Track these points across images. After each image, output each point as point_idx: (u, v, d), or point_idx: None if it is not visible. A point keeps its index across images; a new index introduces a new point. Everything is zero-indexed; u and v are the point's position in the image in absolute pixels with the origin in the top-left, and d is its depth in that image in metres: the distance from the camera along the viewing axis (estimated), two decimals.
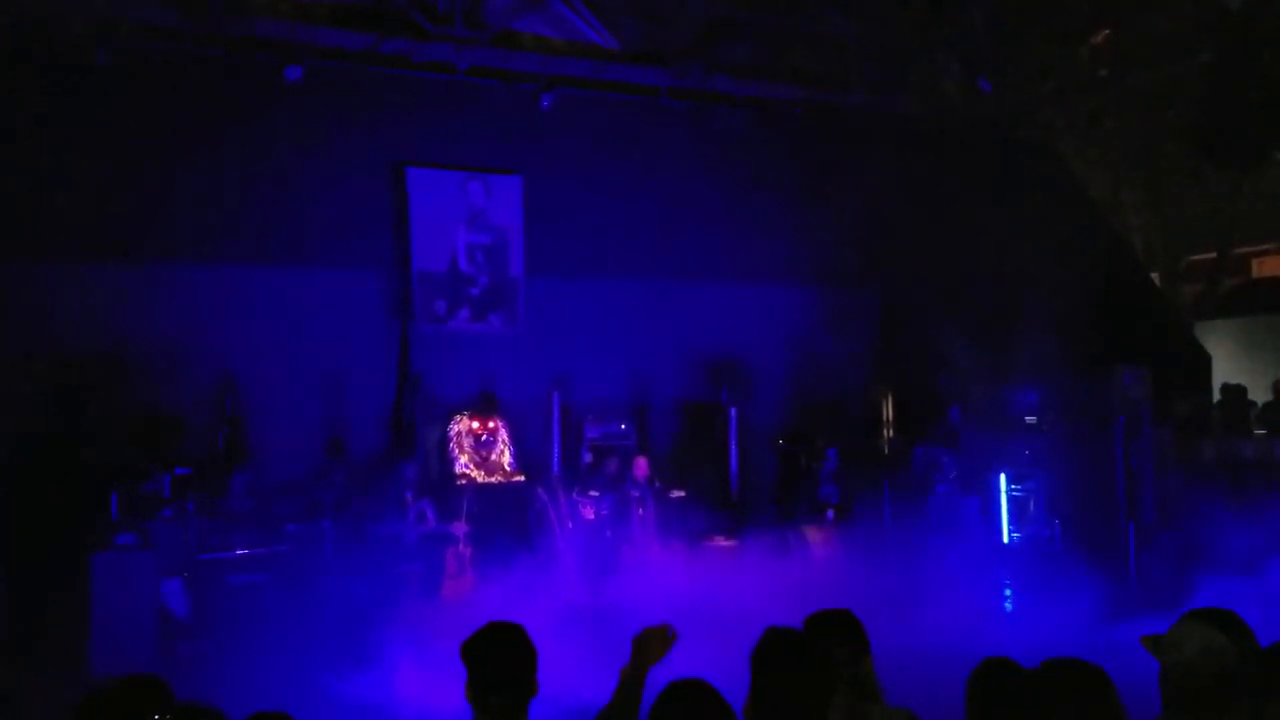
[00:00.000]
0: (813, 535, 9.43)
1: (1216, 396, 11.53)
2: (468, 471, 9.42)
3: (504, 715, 2.40)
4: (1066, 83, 11.64)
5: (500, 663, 2.41)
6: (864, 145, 10.92)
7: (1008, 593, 9.13)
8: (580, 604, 7.49)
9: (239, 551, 7.75)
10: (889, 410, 11.55)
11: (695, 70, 10.25)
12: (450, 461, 9.47)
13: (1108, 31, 11.45)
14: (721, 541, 9.15)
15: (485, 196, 10.34)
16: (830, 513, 9.78)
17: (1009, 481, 10.15)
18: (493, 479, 9.45)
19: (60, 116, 8.26)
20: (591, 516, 9.29)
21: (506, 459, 9.65)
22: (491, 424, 9.66)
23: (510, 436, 9.74)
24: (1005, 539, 10.13)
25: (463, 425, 9.61)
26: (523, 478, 9.55)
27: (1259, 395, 11.41)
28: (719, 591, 7.53)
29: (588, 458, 10.04)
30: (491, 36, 9.56)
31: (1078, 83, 11.63)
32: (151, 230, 8.71)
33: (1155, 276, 15.01)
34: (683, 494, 9.64)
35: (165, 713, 2.36)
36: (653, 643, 2.64)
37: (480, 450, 9.54)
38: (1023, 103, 11.63)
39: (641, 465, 9.33)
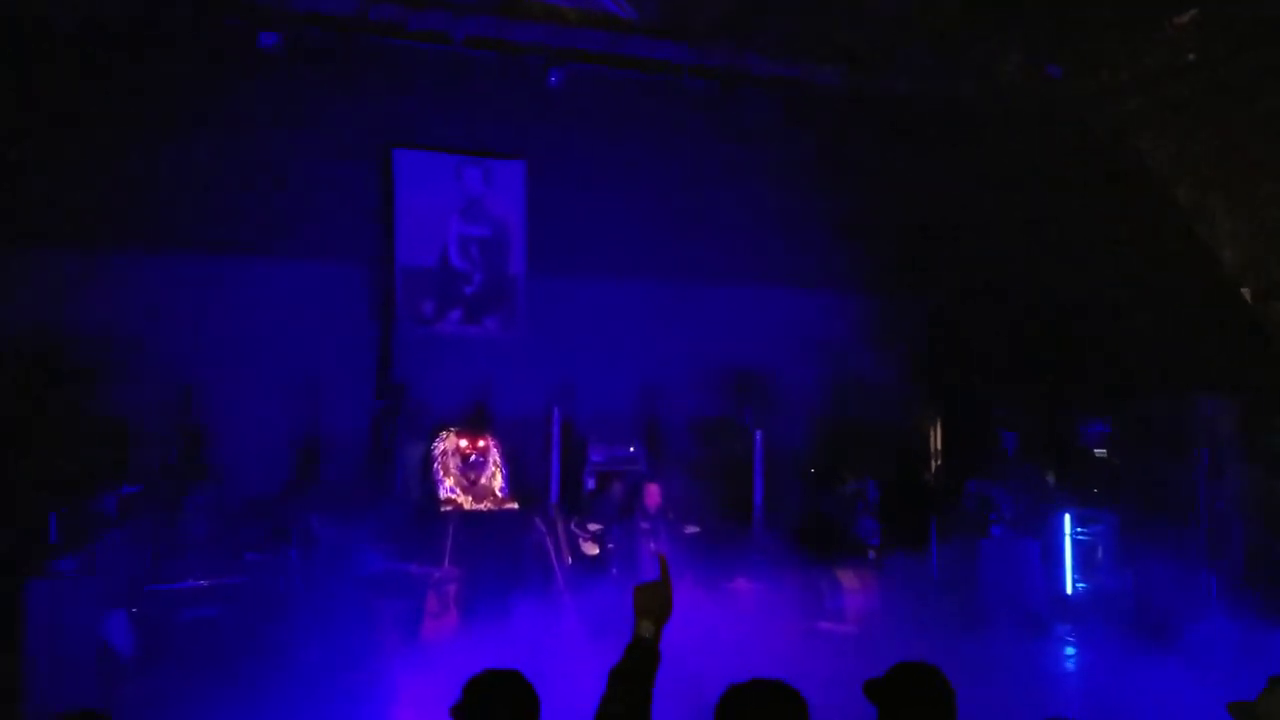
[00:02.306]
0: (847, 580, 9.39)
1: None
2: (453, 497, 9.42)
3: None
4: (1147, 69, 11.61)
5: (501, 716, 2.40)
6: (913, 135, 10.92)
7: (1071, 652, 9.07)
8: (580, 652, 7.46)
9: (193, 582, 7.76)
10: (937, 438, 11.51)
11: (723, 47, 10.28)
12: (434, 485, 9.47)
13: (1195, 11, 11.42)
14: (743, 584, 9.11)
15: (483, 184, 10.39)
16: (870, 554, 9.74)
17: (1074, 524, 10.09)
18: (482, 506, 9.45)
19: (7, 85, 8.34)
20: (595, 552, 9.27)
21: (498, 483, 9.65)
22: (482, 442, 9.67)
23: (503, 457, 9.74)
24: (1069, 589, 10.06)
25: (449, 443, 9.61)
26: (516, 505, 9.54)
27: None
28: (739, 644, 7.49)
29: (591, 484, 10.04)
30: (493, 3, 9.62)
31: (1160, 69, 11.60)
32: (103, 213, 8.75)
33: (1246, 292, 14.93)
34: (698, 529, 9.61)
35: None
36: (656, 598, 2.61)
37: (468, 472, 9.53)
38: (1096, 91, 11.60)
39: (653, 494, 9.31)
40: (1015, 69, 11.35)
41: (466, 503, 9.42)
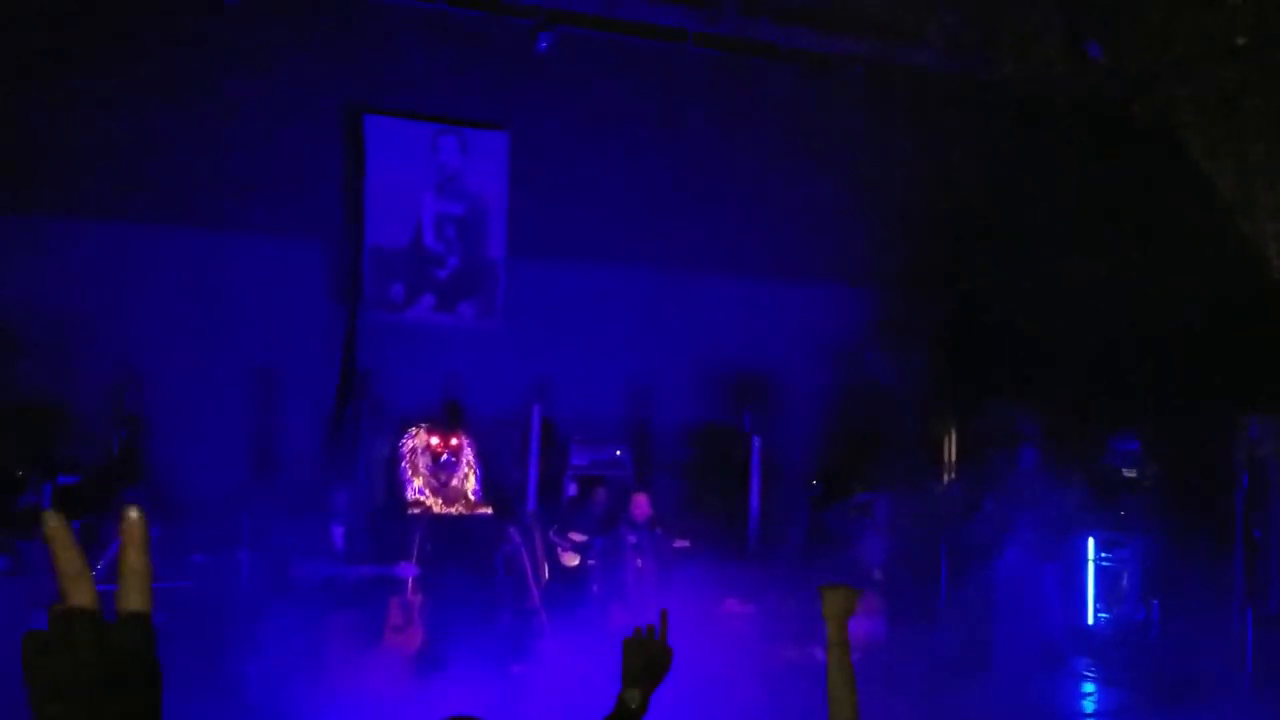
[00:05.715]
0: None
1: None
2: (422, 499, 9.47)
3: None
4: (1196, 51, 11.69)
5: None
6: (938, 116, 10.98)
7: (1089, 689, 9.19)
8: (554, 675, 7.55)
9: None
10: (951, 449, 11.59)
11: (732, 12, 10.33)
12: (401, 485, 9.53)
13: None
14: (735, 606, 9.20)
15: (461, 155, 10.42)
16: (874, 576, 9.83)
17: (1098, 548, 10.18)
18: (452, 510, 9.50)
19: None
20: (574, 563, 9.34)
21: (471, 486, 9.69)
22: (454, 441, 9.71)
23: (477, 458, 9.78)
24: (1090, 620, 10.17)
25: (419, 441, 9.65)
26: (489, 511, 9.59)
27: None
28: (728, 673, 7.57)
29: (573, 490, 10.08)
30: None
31: (1209, 52, 11.68)
32: (39, 177, 8.78)
33: None
34: (688, 544, 9.68)
35: None
36: (651, 660, 2.52)
37: (439, 473, 9.58)
38: (1140, 74, 11.68)
39: (641, 504, 9.34)
40: (1054, 46, 11.42)
41: (436, 505, 9.46)
